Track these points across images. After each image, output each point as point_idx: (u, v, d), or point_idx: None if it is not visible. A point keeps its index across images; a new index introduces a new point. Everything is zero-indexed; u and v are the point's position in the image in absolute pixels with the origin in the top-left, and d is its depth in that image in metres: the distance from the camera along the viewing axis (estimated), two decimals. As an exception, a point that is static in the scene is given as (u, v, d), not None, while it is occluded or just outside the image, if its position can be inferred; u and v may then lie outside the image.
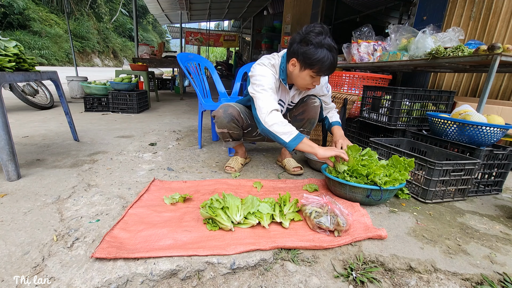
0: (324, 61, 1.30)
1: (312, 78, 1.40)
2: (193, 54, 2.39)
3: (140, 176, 1.60)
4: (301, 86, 1.49)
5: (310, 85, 1.46)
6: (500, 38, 2.72)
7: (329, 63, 1.31)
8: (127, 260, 0.87)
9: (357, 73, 2.89)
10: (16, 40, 2.59)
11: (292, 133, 1.34)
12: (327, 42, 1.30)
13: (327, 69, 1.33)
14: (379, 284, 0.88)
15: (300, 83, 1.46)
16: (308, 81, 1.42)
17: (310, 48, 1.30)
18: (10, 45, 1.58)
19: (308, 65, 1.34)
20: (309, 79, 1.41)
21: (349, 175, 1.38)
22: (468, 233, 1.18)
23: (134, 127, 2.89)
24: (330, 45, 1.30)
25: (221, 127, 1.64)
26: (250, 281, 0.87)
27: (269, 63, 1.48)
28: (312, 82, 1.43)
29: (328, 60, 1.30)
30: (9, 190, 1.32)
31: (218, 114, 1.63)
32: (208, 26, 16.09)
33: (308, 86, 1.47)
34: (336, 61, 1.33)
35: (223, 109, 1.63)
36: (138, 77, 4.33)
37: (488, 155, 1.54)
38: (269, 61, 1.49)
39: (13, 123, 2.71)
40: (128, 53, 27.44)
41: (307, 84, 1.44)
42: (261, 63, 1.49)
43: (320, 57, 1.29)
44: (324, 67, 1.32)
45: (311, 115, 1.65)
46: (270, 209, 1.14)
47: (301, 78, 1.42)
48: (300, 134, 1.36)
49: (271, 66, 1.48)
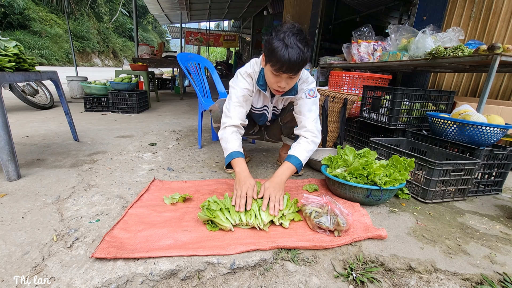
0: (279, 55, 1.16)
1: (274, 75, 1.27)
2: (193, 54, 2.39)
3: (140, 176, 1.60)
4: (270, 87, 1.38)
5: (275, 84, 1.31)
6: (500, 38, 2.72)
7: (284, 58, 1.16)
8: (127, 260, 0.87)
9: (357, 73, 2.89)
10: (16, 40, 2.59)
11: (228, 149, 1.35)
12: (290, 39, 1.17)
13: (282, 64, 1.18)
14: (379, 284, 0.88)
15: (268, 82, 1.37)
16: (271, 79, 1.30)
17: (270, 38, 1.22)
18: (10, 45, 1.58)
19: (267, 58, 1.24)
20: (272, 77, 1.28)
21: (349, 175, 1.39)
22: (468, 233, 1.18)
23: (134, 127, 2.89)
24: (291, 42, 1.16)
25: (218, 121, 1.63)
26: (250, 281, 0.87)
27: (245, 72, 1.45)
28: (276, 82, 1.29)
29: (284, 55, 1.16)
30: (9, 190, 1.32)
31: (214, 108, 1.67)
32: (208, 26, 16.10)
33: (273, 85, 1.33)
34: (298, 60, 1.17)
35: (219, 103, 1.66)
36: (138, 77, 4.33)
37: (488, 155, 1.54)
38: (245, 70, 1.45)
39: (13, 123, 2.71)
40: (128, 53, 27.44)
41: (271, 83, 1.33)
42: (238, 73, 1.48)
43: (275, 48, 1.17)
44: (279, 61, 1.17)
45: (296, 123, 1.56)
46: (271, 217, 1.12)
47: (267, 75, 1.34)
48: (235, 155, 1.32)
49: (247, 76, 1.44)
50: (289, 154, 1.38)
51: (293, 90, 1.44)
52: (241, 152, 1.35)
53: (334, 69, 3.58)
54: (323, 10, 5.69)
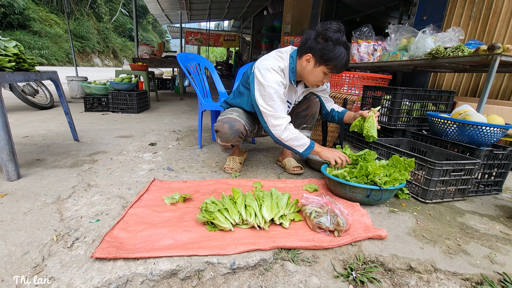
0: (340, 59, 1.33)
1: (324, 75, 1.42)
2: (193, 54, 2.39)
3: (140, 176, 1.60)
4: (312, 83, 1.50)
5: (321, 82, 1.47)
6: (500, 38, 2.72)
7: (345, 60, 1.35)
8: (127, 260, 0.87)
9: (357, 73, 2.89)
10: (16, 40, 2.59)
11: (305, 144, 1.47)
12: (344, 40, 1.33)
13: (342, 67, 1.37)
14: (379, 284, 0.88)
15: (312, 79, 1.47)
16: (320, 78, 1.44)
17: (328, 44, 1.33)
18: (10, 45, 1.58)
19: (324, 61, 1.36)
20: (322, 76, 1.43)
21: (349, 175, 1.39)
22: (468, 233, 1.18)
23: (134, 127, 2.89)
24: (347, 44, 1.34)
25: (226, 142, 1.56)
26: (250, 281, 0.87)
27: (279, 67, 1.41)
28: (323, 79, 1.45)
29: (344, 58, 1.34)
30: (9, 190, 1.32)
31: (224, 130, 1.50)
32: (208, 26, 16.09)
33: (319, 83, 1.48)
34: (350, 59, 1.37)
35: (228, 124, 1.50)
36: (138, 77, 4.33)
37: (488, 155, 1.54)
38: (278, 64, 1.41)
39: (13, 123, 2.71)
40: (128, 53, 27.44)
41: (318, 80, 1.46)
42: (270, 68, 1.39)
43: (337, 54, 1.32)
44: (339, 64, 1.35)
45: (314, 111, 1.70)
46: (272, 214, 1.12)
47: (314, 74, 1.43)
48: (312, 143, 1.48)
49: (280, 71, 1.43)
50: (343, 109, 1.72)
51: None
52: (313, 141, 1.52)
53: (334, 69, 3.57)
54: (323, 10, 5.70)
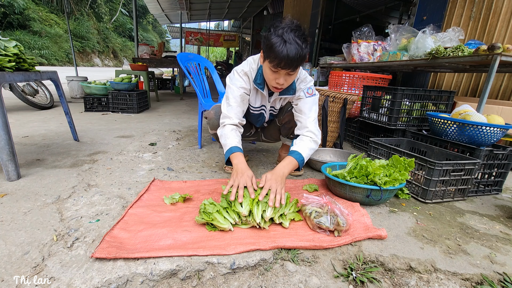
0: (278, 51, 1.15)
1: (272, 72, 1.25)
2: (193, 54, 2.39)
3: (140, 176, 1.60)
4: (269, 84, 1.36)
5: (273, 81, 1.29)
6: (500, 38, 2.72)
7: (283, 54, 1.15)
8: (127, 260, 0.87)
9: (357, 73, 2.89)
10: (16, 40, 2.59)
11: (227, 146, 1.37)
12: (288, 35, 1.16)
13: (281, 60, 1.17)
14: (379, 284, 0.88)
15: (266, 79, 1.35)
16: (270, 76, 1.28)
17: (269, 34, 1.21)
18: (10, 45, 1.58)
19: (266, 53, 1.23)
20: (270, 73, 1.27)
21: (349, 175, 1.39)
22: (468, 233, 1.18)
23: (134, 127, 2.89)
24: (290, 38, 1.16)
25: (214, 128, 1.61)
26: (250, 281, 0.87)
27: (242, 70, 1.44)
28: (275, 79, 1.27)
29: (282, 50, 1.15)
30: (9, 190, 1.32)
31: (210, 115, 1.61)
32: (208, 26, 16.10)
33: (271, 82, 1.31)
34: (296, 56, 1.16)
35: (214, 110, 1.62)
36: (138, 77, 4.33)
37: (488, 155, 1.54)
38: (242, 68, 1.44)
39: (13, 123, 2.71)
40: (128, 53, 27.45)
41: (270, 80, 1.31)
42: (235, 70, 1.46)
43: (274, 44, 1.16)
44: (278, 57, 1.16)
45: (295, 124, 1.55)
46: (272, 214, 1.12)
47: (265, 72, 1.31)
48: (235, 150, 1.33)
49: (243, 74, 1.44)
50: (292, 149, 1.38)
51: (292, 89, 1.43)
52: (240, 148, 1.36)
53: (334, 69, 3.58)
54: (323, 10, 5.70)
